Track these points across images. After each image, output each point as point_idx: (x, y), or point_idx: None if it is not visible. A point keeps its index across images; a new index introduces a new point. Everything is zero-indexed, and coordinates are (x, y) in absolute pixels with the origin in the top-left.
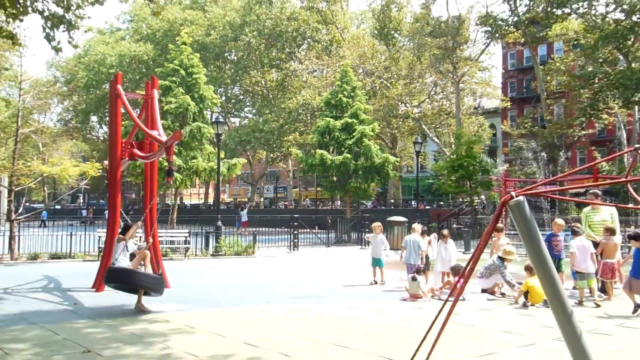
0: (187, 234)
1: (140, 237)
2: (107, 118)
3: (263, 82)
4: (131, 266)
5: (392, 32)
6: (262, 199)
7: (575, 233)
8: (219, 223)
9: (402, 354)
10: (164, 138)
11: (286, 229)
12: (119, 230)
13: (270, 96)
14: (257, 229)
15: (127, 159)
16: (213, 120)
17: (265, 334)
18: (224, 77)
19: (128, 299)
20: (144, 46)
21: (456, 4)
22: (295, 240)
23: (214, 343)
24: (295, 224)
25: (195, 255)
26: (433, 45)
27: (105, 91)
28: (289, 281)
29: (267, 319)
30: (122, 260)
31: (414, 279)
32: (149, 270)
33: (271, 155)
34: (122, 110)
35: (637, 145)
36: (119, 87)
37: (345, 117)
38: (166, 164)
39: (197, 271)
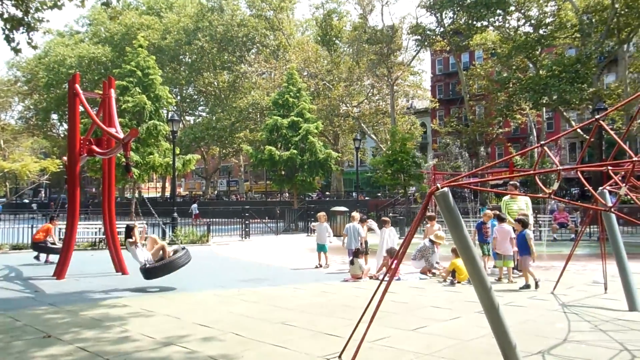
0: (145, 225)
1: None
2: (67, 116)
3: (215, 83)
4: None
5: (334, 38)
6: (215, 192)
7: (500, 219)
8: (175, 214)
9: (343, 329)
10: (121, 135)
11: (238, 219)
12: (124, 234)
13: (223, 96)
14: (211, 219)
15: (85, 155)
16: (169, 118)
17: (218, 315)
18: (179, 78)
19: (88, 286)
20: (103, 48)
21: (390, 14)
22: (247, 230)
23: (170, 325)
24: (247, 214)
25: None
26: (370, 51)
27: (65, 90)
28: (241, 267)
29: (221, 301)
30: (148, 259)
31: (352, 262)
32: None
33: (224, 151)
34: (81, 109)
35: (542, 142)
36: (77, 86)
37: (292, 116)
38: (124, 159)
39: None
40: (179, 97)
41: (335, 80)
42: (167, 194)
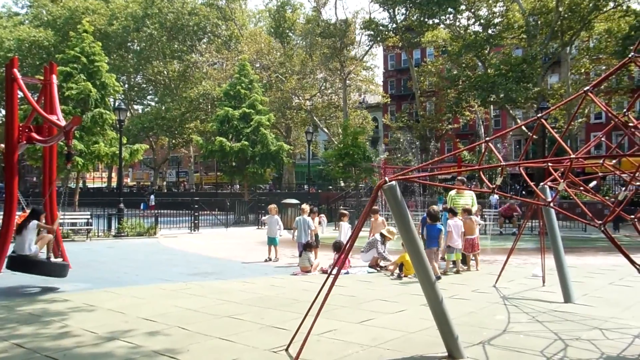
0: (89, 216)
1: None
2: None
3: (165, 72)
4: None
5: (287, 31)
6: (164, 183)
7: (454, 213)
8: (122, 205)
9: (291, 323)
10: (62, 123)
11: (187, 211)
12: (28, 214)
13: (172, 86)
14: (159, 210)
15: (24, 142)
16: (115, 106)
17: (164, 309)
18: (126, 66)
19: (27, 280)
20: (44, 32)
21: (344, 9)
22: (196, 222)
23: (114, 320)
24: (196, 206)
25: (98, 236)
26: (323, 44)
27: (2, 75)
28: (188, 260)
29: (167, 295)
30: (35, 251)
31: (301, 254)
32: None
33: (173, 141)
34: (20, 95)
35: (487, 139)
36: (15, 71)
37: (243, 107)
38: (66, 148)
39: (98, 251)
40: (126, 86)
41: (288, 72)
42: (114, 184)
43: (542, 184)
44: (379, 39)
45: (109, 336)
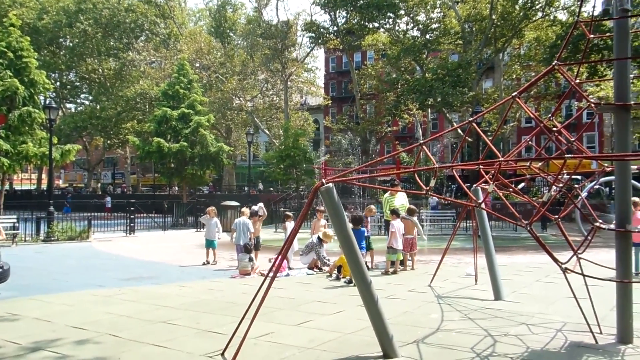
0: (15, 220)
1: None
2: None
3: (100, 70)
4: None
5: (228, 31)
6: (99, 185)
7: (397, 214)
8: (51, 208)
9: (228, 327)
10: None
11: (123, 214)
12: None
13: (108, 84)
14: (92, 213)
15: None
16: (45, 105)
17: (94, 316)
18: (58, 62)
19: None
20: None
21: (285, 10)
22: (132, 225)
23: (40, 329)
24: (132, 208)
25: (25, 241)
26: (264, 45)
27: None
28: (123, 264)
29: (98, 302)
30: None
31: (242, 257)
32: None
33: (108, 141)
34: None
35: (421, 141)
36: None
37: (182, 107)
38: None
39: (25, 257)
40: (58, 83)
41: (228, 73)
42: (44, 186)
43: (474, 185)
44: (320, 41)
45: (33, 346)
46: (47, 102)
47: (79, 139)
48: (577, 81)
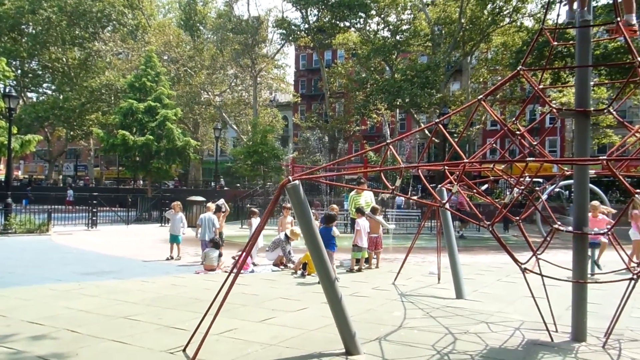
0: None
1: None
2: None
3: (64, 59)
4: None
5: (197, 24)
6: (60, 177)
7: (363, 213)
8: (9, 200)
9: (190, 322)
10: None
11: (85, 207)
12: None
13: (72, 74)
14: (53, 206)
15: None
16: (5, 93)
17: (52, 311)
18: (19, 50)
19: None
20: None
21: (256, 6)
22: (94, 218)
23: None
24: (95, 201)
25: None
26: (234, 40)
27: None
28: (84, 259)
29: (57, 296)
30: None
31: (211, 252)
32: None
33: (71, 133)
34: None
35: (388, 141)
36: None
37: (149, 100)
38: None
39: None
40: (19, 71)
41: (197, 67)
42: (2, 176)
43: (440, 186)
44: (290, 38)
45: None
46: (7, 90)
47: (40, 129)
48: (541, 86)
